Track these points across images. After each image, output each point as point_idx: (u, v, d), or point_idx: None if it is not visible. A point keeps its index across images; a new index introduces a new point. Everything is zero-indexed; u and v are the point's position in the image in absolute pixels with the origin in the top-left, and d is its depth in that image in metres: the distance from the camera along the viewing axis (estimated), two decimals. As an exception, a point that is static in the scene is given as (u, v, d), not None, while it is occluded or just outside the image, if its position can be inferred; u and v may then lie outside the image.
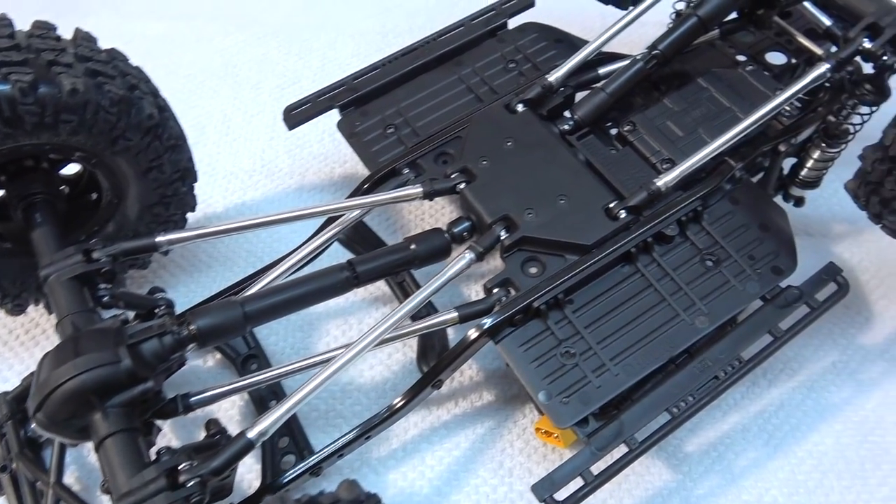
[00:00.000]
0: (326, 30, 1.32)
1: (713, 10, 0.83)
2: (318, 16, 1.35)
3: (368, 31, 1.32)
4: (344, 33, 1.32)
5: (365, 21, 1.34)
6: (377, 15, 1.35)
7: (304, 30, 1.32)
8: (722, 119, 0.85)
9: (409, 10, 1.36)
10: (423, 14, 1.34)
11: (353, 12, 1.36)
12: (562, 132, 0.86)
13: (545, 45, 0.97)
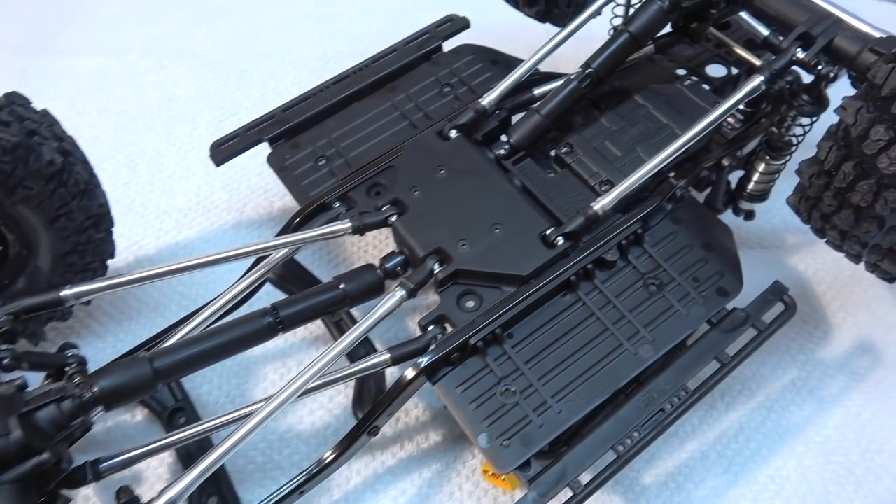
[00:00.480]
0: (266, 59, 1.29)
1: (644, 26, 0.81)
2: (258, 45, 1.32)
3: (310, 59, 1.29)
4: (284, 62, 1.28)
5: (306, 48, 1.31)
6: (318, 41, 1.32)
7: (243, 60, 1.28)
8: (660, 136, 0.82)
9: (352, 35, 1.33)
10: (367, 39, 1.31)
11: (294, 40, 1.33)
12: (497, 157, 0.83)
13: (481, 67, 0.94)
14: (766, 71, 0.74)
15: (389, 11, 1.38)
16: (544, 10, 0.98)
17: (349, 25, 1.35)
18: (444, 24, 0.99)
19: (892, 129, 0.57)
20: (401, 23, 1.06)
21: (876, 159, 0.58)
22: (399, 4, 1.39)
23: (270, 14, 1.38)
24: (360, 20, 1.36)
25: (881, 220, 0.61)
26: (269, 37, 1.33)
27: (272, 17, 1.37)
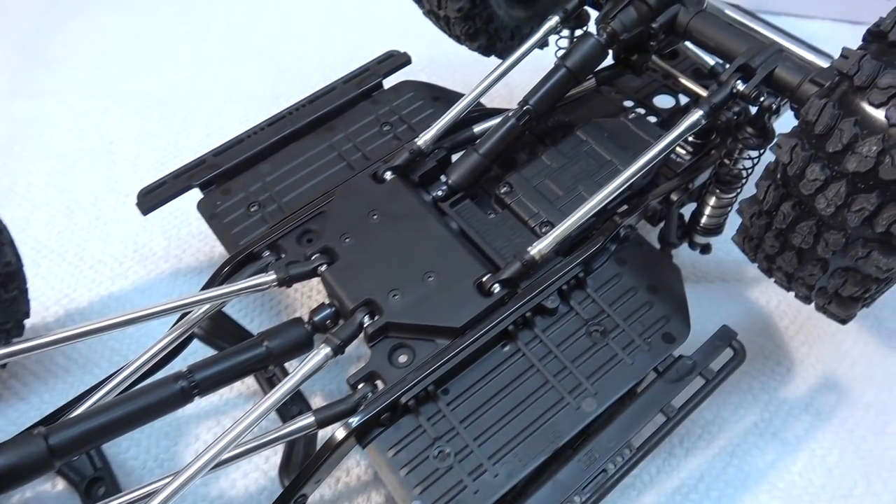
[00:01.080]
0: (213, 97, 1.25)
1: (581, 61, 0.78)
2: (204, 83, 1.29)
3: (259, 96, 1.26)
4: (232, 99, 1.25)
5: (255, 85, 1.28)
6: (268, 78, 1.29)
7: (189, 98, 1.25)
8: (602, 173, 0.79)
9: (302, 71, 1.30)
10: (318, 74, 1.28)
11: (242, 77, 1.30)
12: (435, 199, 0.79)
13: (421, 104, 0.91)
14: (704, 105, 0.71)
15: (342, 47, 1.35)
16: (487, 44, 0.95)
17: (300, 61, 1.33)
18: (385, 61, 0.96)
19: (829, 169, 0.53)
20: (353, 58, 1.03)
21: (814, 200, 0.55)
22: (352, 39, 1.36)
23: (218, 51, 1.35)
24: (311, 56, 1.34)
25: (824, 262, 0.57)
26: (217, 74, 1.30)
27: (220, 53, 1.35)
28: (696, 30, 0.76)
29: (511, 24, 0.95)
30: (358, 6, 1.44)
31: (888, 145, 0.50)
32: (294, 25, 1.41)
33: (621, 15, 0.77)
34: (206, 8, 1.45)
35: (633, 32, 0.77)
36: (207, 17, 1.43)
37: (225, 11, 1.44)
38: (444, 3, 0.87)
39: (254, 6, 1.46)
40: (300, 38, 1.38)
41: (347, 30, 1.39)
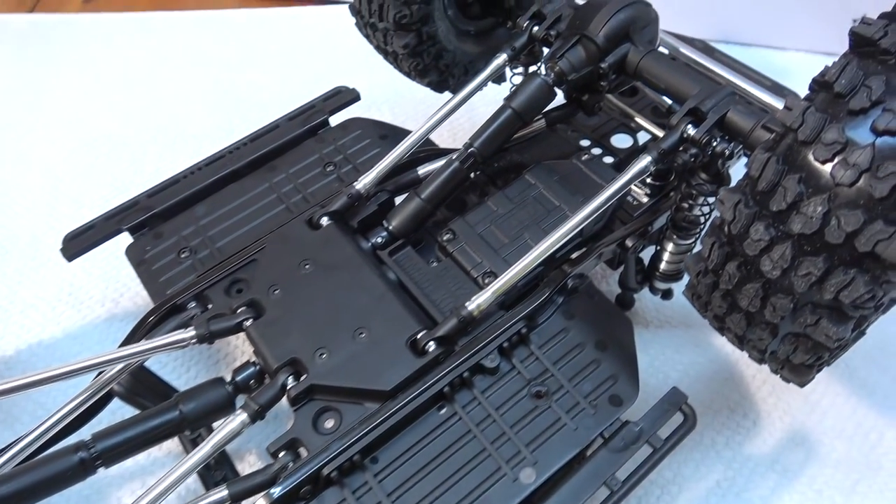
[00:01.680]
0: (166, 130, 1.21)
1: (527, 102, 0.74)
2: (158, 115, 1.24)
3: (214, 128, 1.21)
4: (185, 133, 1.21)
5: (209, 118, 1.24)
6: (224, 109, 1.25)
7: (142, 132, 1.21)
8: (550, 220, 0.75)
9: (260, 102, 1.26)
10: (276, 106, 1.23)
11: (196, 109, 1.25)
12: (374, 247, 0.75)
13: (368, 143, 0.87)
14: (653, 150, 0.67)
15: (302, 77, 1.31)
16: (438, 80, 0.91)
17: (258, 93, 1.29)
18: (332, 97, 0.92)
19: (774, 228, 0.49)
20: (314, 89, 1.00)
21: (759, 261, 0.50)
22: (316, 70, 1.33)
23: (172, 82, 1.31)
24: (270, 87, 1.30)
25: (773, 326, 0.53)
26: (171, 107, 1.26)
27: (174, 85, 1.30)
28: (646, 70, 0.72)
29: (464, 59, 0.92)
30: (321, 36, 1.40)
31: (834, 206, 0.46)
32: (253, 56, 1.37)
33: (569, 54, 0.73)
34: (163, 38, 1.41)
35: (581, 72, 0.73)
36: (163, 47, 1.39)
37: (182, 42, 1.41)
38: (390, 39, 0.84)
39: (212, 36, 1.42)
40: (259, 69, 1.34)
41: (310, 60, 1.35)
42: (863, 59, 0.47)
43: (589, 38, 0.72)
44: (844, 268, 0.46)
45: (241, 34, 1.43)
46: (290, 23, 1.45)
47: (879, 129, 0.44)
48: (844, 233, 0.45)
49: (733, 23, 1.42)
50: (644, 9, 0.73)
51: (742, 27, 1.42)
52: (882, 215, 0.44)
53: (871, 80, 0.46)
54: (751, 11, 1.39)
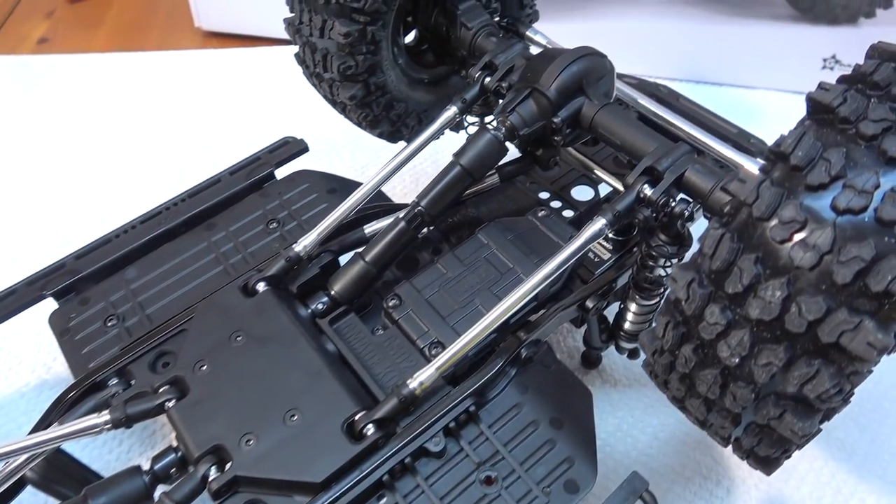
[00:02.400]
0: (114, 175, 1.16)
1: (477, 158, 0.69)
2: (104, 159, 1.19)
3: (165, 174, 1.16)
4: (133, 179, 1.15)
5: (164, 163, 1.19)
6: (177, 154, 1.20)
7: (86, 178, 1.15)
8: (503, 284, 0.70)
9: (216, 147, 1.21)
10: (233, 151, 1.19)
11: (150, 154, 1.20)
12: (314, 314, 0.70)
13: (315, 198, 0.82)
14: (608, 213, 0.62)
15: (264, 120, 1.27)
16: (391, 130, 0.87)
17: (215, 137, 1.24)
18: (279, 148, 0.88)
19: (730, 311, 0.45)
20: (276, 132, 0.95)
21: (716, 346, 0.46)
22: (275, 112, 1.28)
23: (126, 126, 1.26)
24: (228, 131, 1.25)
25: (735, 416, 0.48)
26: (122, 152, 1.21)
27: (128, 129, 1.25)
28: (601, 125, 0.68)
29: (418, 108, 0.87)
30: (284, 77, 1.36)
31: (794, 290, 0.42)
32: (213, 98, 1.33)
33: (520, 108, 0.69)
34: (120, 80, 1.37)
35: (533, 127, 0.69)
36: (120, 89, 1.35)
37: (139, 84, 1.36)
38: (336, 90, 0.79)
39: (171, 77, 1.38)
40: (219, 112, 1.29)
41: (272, 102, 1.31)
42: (821, 128, 0.43)
43: (540, 91, 0.68)
44: (808, 358, 0.42)
45: (200, 76, 1.39)
46: (252, 64, 1.41)
47: (840, 207, 0.40)
48: (806, 321, 0.41)
49: (704, 63, 1.40)
50: (598, 60, 0.70)
51: (713, 67, 1.40)
52: (846, 303, 0.40)
53: (830, 152, 0.42)
54: (721, 51, 1.37)
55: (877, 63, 0.44)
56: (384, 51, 0.78)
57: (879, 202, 0.39)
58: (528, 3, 0.88)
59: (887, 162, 0.40)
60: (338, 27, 0.72)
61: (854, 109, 0.42)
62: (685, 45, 1.38)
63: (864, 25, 1.29)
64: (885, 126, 0.41)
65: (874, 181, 0.40)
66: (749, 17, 1.33)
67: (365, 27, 0.73)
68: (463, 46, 0.80)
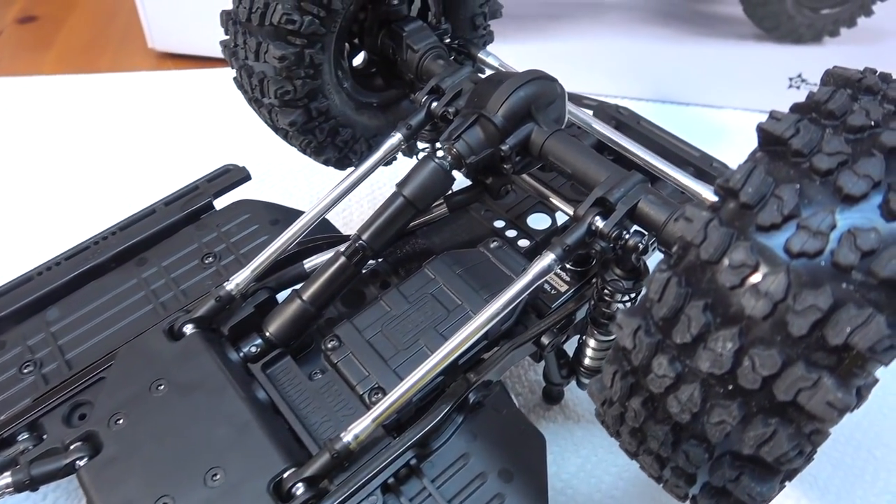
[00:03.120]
0: (57, 205, 1.10)
1: (421, 188, 0.65)
2: (50, 186, 1.13)
3: (112, 201, 1.10)
4: (79, 208, 1.09)
5: (109, 189, 1.13)
6: (125, 180, 1.14)
7: (28, 210, 1.09)
8: (450, 322, 0.65)
9: (166, 173, 1.16)
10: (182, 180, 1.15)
11: (98, 179, 1.15)
12: (246, 358, 0.64)
13: (256, 230, 0.77)
14: (557, 247, 0.58)
15: (219, 142, 1.21)
16: (338, 157, 0.82)
17: (166, 160, 1.18)
18: (219, 177, 0.83)
19: (679, 363, 0.40)
20: (229, 156, 0.90)
21: (665, 401, 0.41)
22: (231, 134, 1.23)
23: (74, 150, 1.20)
24: (179, 153, 1.20)
25: (690, 476, 0.44)
26: (69, 177, 1.15)
27: (75, 153, 1.19)
28: (551, 153, 0.64)
29: (366, 133, 0.83)
30: (240, 100, 1.32)
31: (747, 342, 0.38)
32: (165, 121, 1.28)
33: (466, 135, 0.65)
34: (70, 102, 1.31)
35: (481, 155, 0.65)
36: (70, 112, 1.29)
37: (90, 106, 1.31)
38: (276, 115, 0.75)
39: (123, 100, 1.33)
40: (170, 134, 1.24)
41: (229, 124, 1.25)
42: (773, 161, 0.40)
43: (487, 118, 0.64)
44: (764, 417, 0.38)
45: (153, 98, 1.34)
46: (207, 85, 1.36)
47: (794, 250, 0.36)
48: (760, 377, 0.37)
49: (670, 83, 1.38)
50: (548, 85, 0.66)
51: (679, 87, 1.38)
52: (803, 356, 0.36)
53: (783, 188, 0.38)
54: (687, 71, 1.35)
55: (831, 90, 0.41)
56: (326, 74, 0.74)
57: (836, 245, 0.36)
58: (481, 24, 0.84)
59: (843, 200, 0.37)
60: (273, 50, 0.68)
61: (807, 141, 0.39)
62: (650, 64, 1.36)
63: (830, 44, 1.28)
64: (841, 160, 0.37)
65: (830, 221, 0.36)
66: (714, 36, 1.31)
67: (302, 50, 0.69)
68: (410, 69, 0.76)
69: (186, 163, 1.18)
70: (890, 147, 0.37)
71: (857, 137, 0.39)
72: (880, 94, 0.41)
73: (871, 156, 0.37)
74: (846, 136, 0.39)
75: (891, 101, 0.40)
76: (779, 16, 1.24)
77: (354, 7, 0.73)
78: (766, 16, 1.25)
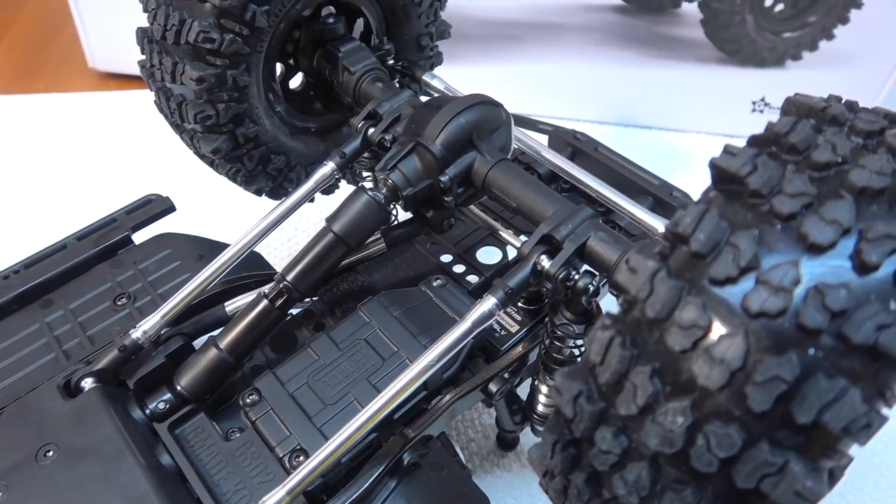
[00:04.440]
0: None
1: (351, 225, 0.59)
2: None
3: (44, 230, 1.02)
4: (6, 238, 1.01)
5: (41, 217, 1.05)
6: (59, 207, 1.07)
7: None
8: (385, 372, 0.59)
9: (103, 199, 1.08)
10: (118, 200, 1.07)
11: (24, 208, 1.07)
12: (153, 416, 0.57)
13: (178, 266, 0.70)
14: (499, 290, 0.52)
15: (159, 165, 1.14)
16: (272, 186, 0.76)
17: (103, 187, 1.11)
18: (140, 209, 0.75)
19: (625, 437, 0.34)
20: (175, 182, 0.82)
21: (611, 480, 0.35)
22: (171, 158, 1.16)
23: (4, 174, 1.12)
24: (119, 178, 1.12)
25: (643, 565, 0.38)
26: None
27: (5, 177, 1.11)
28: (495, 184, 0.58)
29: (304, 160, 0.77)
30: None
31: (701, 416, 0.32)
32: (104, 143, 1.20)
33: (402, 165, 0.59)
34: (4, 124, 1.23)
35: (419, 186, 0.59)
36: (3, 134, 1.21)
37: (25, 128, 1.23)
38: (198, 142, 0.68)
39: (61, 121, 1.25)
40: (109, 157, 1.17)
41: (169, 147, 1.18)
42: (729, 203, 0.34)
43: (424, 146, 0.58)
44: (723, 504, 0.32)
45: (91, 119, 1.26)
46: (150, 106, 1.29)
47: (753, 309, 0.31)
48: (717, 459, 0.31)
49: (633, 106, 1.35)
50: (491, 111, 0.61)
51: (642, 110, 1.35)
52: (766, 435, 0.30)
53: (739, 235, 0.32)
54: (650, 94, 1.32)
55: (793, 121, 0.36)
56: (254, 97, 0.68)
57: (801, 303, 0.30)
58: (427, 45, 0.79)
59: (809, 249, 0.31)
60: (190, 71, 0.61)
61: (766, 180, 0.33)
62: (612, 88, 1.32)
63: (792, 68, 1.26)
64: (805, 202, 0.32)
65: (793, 275, 0.31)
66: (675, 59, 1.28)
67: (224, 71, 0.62)
68: (347, 93, 0.71)
69: (124, 190, 1.10)
70: (860, 187, 0.32)
71: (823, 175, 0.34)
72: (847, 126, 0.36)
73: (838, 197, 0.32)
74: (810, 174, 0.34)
75: (859, 133, 0.36)
76: (740, 39, 1.21)
77: (285, 25, 0.67)
78: (727, 39, 1.22)
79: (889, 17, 1.17)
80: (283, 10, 0.65)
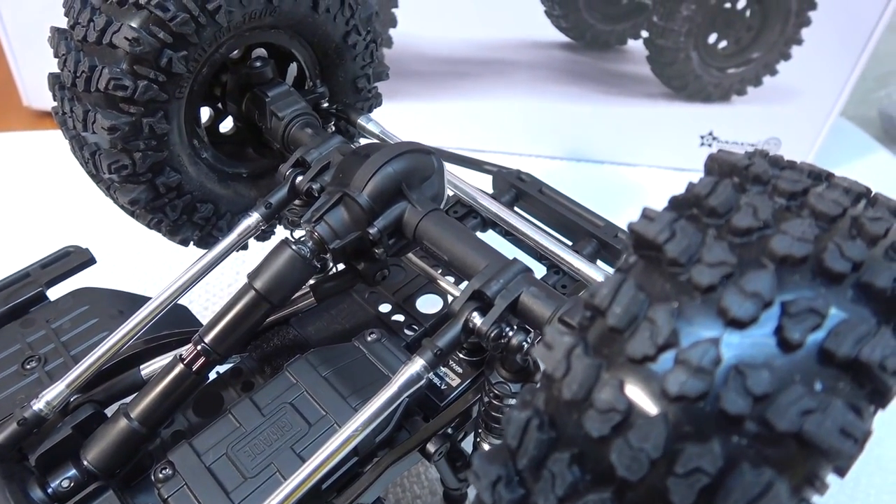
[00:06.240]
0: None
1: (273, 282, 0.55)
2: None
3: None
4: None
5: None
6: None
7: None
8: (312, 438, 0.55)
9: (34, 244, 1.02)
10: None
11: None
12: (55, 496, 0.52)
13: (95, 324, 0.66)
14: (426, 351, 0.49)
15: (100, 210, 1.09)
16: (200, 235, 0.72)
17: (17, 237, 1.05)
18: (56, 262, 0.71)
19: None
20: (110, 225, 0.76)
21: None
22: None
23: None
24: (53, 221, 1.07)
25: None
26: None
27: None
28: (426, 236, 0.56)
29: (233, 207, 0.73)
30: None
31: (613, 511, 0.29)
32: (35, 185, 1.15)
33: (329, 217, 0.56)
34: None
35: (347, 238, 0.56)
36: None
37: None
38: (115, 193, 0.64)
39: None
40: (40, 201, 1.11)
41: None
42: (648, 272, 0.32)
43: (351, 197, 0.55)
44: None
45: (24, 159, 1.21)
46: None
47: (671, 392, 0.28)
48: (640, 560, 0.28)
49: (583, 141, 1.34)
50: (422, 159, 0.58)
51: (593, 145, 1.35)
52: (691, 534, 0.28)
53: (657, 309, 0.30)
54: (600, 129, 1.32)
55: (714, 181, 0.34)
56: (176, 145, 0.64)
57: (721, 385, 0.28)
58: (364, 87, 0.77)
59: (729, 324, 0.29)
60: (101, 120, 0.58)
61: (685, 248, 0.31)
62: (563, 123, 1.32)
63: (738, 103, 1.27)
64: (725, 272, 0.30)
65: (713, 354, 0.29)
66: (624, 95, 1.29)
67: (139, 119, 0.59)
68: (276, 138, 0.68)
69: (50, 236, 1.05)
70: (781, 255, 0.30)
71: (744, 241, 0.32)
72: (770, 185, 0.35)
73: (760, 267, 0.30)
74: (731, 241, 0.32)
75: (781, 193, 0.34)
76: (686, 75, 1.22)
77: (209, 69, 0.64)
78: (673, 75, 1.23)
79: (830, 52, 1.20)
80: (205, 55, 0.62)
